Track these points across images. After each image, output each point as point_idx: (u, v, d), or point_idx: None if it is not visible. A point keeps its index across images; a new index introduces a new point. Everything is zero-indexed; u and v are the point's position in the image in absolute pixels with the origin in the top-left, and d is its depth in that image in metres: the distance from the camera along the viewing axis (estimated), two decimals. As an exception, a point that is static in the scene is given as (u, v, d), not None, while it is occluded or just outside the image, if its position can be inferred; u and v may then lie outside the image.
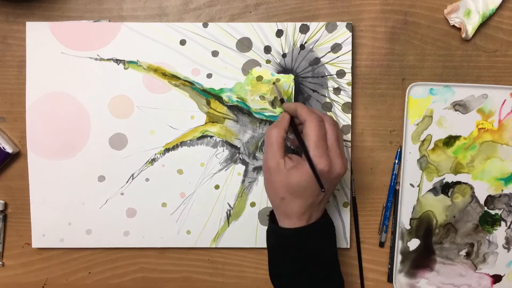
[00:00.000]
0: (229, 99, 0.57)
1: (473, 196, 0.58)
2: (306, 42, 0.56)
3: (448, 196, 0.58)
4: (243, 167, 0.57)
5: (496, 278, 0.59)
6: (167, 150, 0.57)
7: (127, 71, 0.56)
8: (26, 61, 0.56)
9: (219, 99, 0.57)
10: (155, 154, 0.57)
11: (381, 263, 0.59)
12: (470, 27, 0.56)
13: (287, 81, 0.57)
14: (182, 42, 0.56)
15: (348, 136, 0.57)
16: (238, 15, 0.57)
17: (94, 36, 0.56)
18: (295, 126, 0.49)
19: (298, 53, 0.56)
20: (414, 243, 0.59)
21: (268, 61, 0.57)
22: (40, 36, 0.56)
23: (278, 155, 0.47)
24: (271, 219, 0.51)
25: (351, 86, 0.57)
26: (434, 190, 0.58)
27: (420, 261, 0.59)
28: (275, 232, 0.50)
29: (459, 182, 0.58)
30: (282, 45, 0.56)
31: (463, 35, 0.56)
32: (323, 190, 0.45)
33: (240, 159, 0.57)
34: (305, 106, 0.49)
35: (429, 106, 0.57)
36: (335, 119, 0.53)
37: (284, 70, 0.57)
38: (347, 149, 0.57)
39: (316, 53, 0.56)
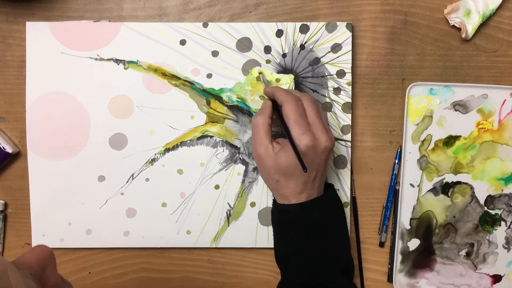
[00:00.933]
0: (229, 99, 0.57)
1: (473, 196, 0.58)
2: (306, 42, 0.56)
3: (448, 196, 0.58)
4: (243, 167, 0.57)
5: (496, 278, 0.59)
6: (167, 150, 0.57)
7: (127, 71, 0.56)
8: (26, 61, 0.56)
9: (219, 99, 0.57)
10: (155, 154, 0.57)
11: (381, 263, 0.59)
12: (470, 27, 0.56)
13: (287, 81, 0.57)
14: (182, 42, 0.56)
15: (348, 136, 0.57)
16: (238, 15, 0.57)
17: (94, 36, 0.56)
18: (278, 110, 0.50)
19: (298, 53, 0.56)
20: (414, 243, 0.59)
21: (268, 61, 0.57)
22: (40, 36, 0.56)
23: (266, 140, 0.49)
24: (274, 200, 0.52)
25: (351, 86, 0.57)
26: (434, 190, 0.58)
27: (420, 261, 0.59)
28: (276, 210, 0.52)
29: (459, 182, 0.58)
30: (282, 45, 0.56)
31: (463, 35, 0.56)
32: (305, 170, 0.45)
33: (240, 159, 0.57)
34: (282, 89, 0.51)
35: (429, 106, 0.57)
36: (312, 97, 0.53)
37: (284, 70, 0.57)
38: (347, 149, 0.57)
39: (316, 53, 0.56)
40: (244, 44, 0.56)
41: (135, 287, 0.59)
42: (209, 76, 0.57)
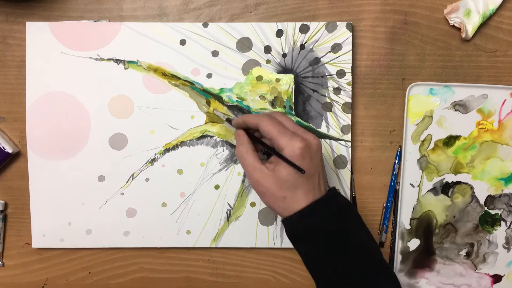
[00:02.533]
0: (229, 99, 0.57)
1: (473, 196, 0.58)
2: (306, 42, 0.56)
3: (448, 196, 0.58)
4: (243, 167, 0.57)
5: (496, 278, 0.59)
6: (167, 150, 0.57)
7: (127, 71, 0.56)
8: (26, 61, 0.56)
9: (219, 99, 0.57)
10: (155, 154, 0.57)
11: (381, 263, 0.59)
12: (470, 27, 0.56)
13: (287, 81, 0.57)
14: (182, 42, 0.56)
15: (348, 136, 0.57)
16: (238, 15, 0.57)
17: (94, 36, 0.56)
18: (253, 136, 0.50)
19: (298, 53, 0.56)
20: (414, 243, 0.59)
21: (268, 61, 0.57)
22: (40, 36, 0.56)
23: (257, 164, 0.47)
24: (285, 221, 0.48)
25: (351, 86, 0.57)
26: (434, 190, 0.58)
27: (420, 261, 0.59)
28: (295, 224, 0.47)
29: (459, 182, 0.58)
30: (282, 45, 0.56)
31: (463, 35, 0.56)
32: (302, 172, 0.45)
33: (240, 159, 0.57)
34: (250, 114, 0.50)
35: (429, 106, 0.57)
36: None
37: (284, 70, 0.57)
38: (348, 149, 0.57)
39: (316, 53, 0.56)
40: (244, 44, 0.56)
41: (135, 287, 0.59)
42: (209, 76, 0.57)
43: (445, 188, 0.58)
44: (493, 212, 0.58)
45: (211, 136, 0.57)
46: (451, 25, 0.57)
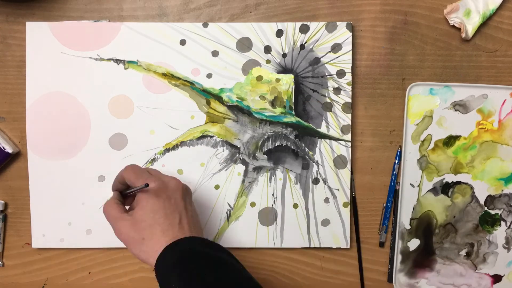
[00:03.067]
0: (229, 99, 0.57)
1: (473, 196, 0.58)
2: (306, 42, 0.56)
3: (448, 196, 0.58)
4: (243, 167, 0.57)
5: (496, 278, 0.59)
6: (167, 150, 0.57)
7: (127, 71, 0.56)
8: (26, 61, 0.56)
9: (219, 99, 0.57)
10: (155, 154, 0.57)
11: (381, 263, 0.59)
12: (470, 27, 0.56)
13: (287, 81, 0.57)
14: (182, 42, 0.56)
15: (348, 136, 0.57)
16: (238, 15, 0.57)
17: (94, 36, 0.56)
18: (125, 193, 0.51)
19: (298, 53, 0.56)
20: (414, 243, 0.59)
21: (268, 61, 0.57)
22: (40, 36, 0.56)
23: (118, 214, 0.47)
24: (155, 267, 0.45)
25: (351, 86, 0.57)
26: (434, 190, 0.58)
27: (420, 261, 0.59)
28: (162, 264, 0.44)
29: (459, 182, 0.58)
30: (282, 45, 0.56)
31: (463, 35, 0.56)
32: (147, 185, 0.45)
33: (240, 159, 0.57)
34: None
35: (429, 106, 0.57)
36: None
37: (284, 70, 0.57)
38: (348, 149, 0.57)
39: (316, 53, 0.56)
40: (244, 44, 0.56)
41: (135, 287, 0.59)
42: (209, 76, 0.57)
43: (445, 188, 0.58)
44: (493, 212, 0.58)
45: (211, 136, 0.57)
46: (451, 25, 0.57)
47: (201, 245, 0.45)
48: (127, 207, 0.50)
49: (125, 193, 0.51)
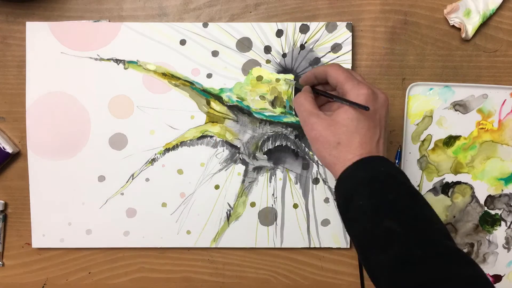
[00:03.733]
0: (229, 99, 0.57)
1: (473, 196, 0.58)
2: (306, 42, 0.56)
3: (448, 196, 0.58)
4: (243, 167, 0.57)
5: (496, 278, 0.59)
6: (167, 150, 0.57)
7: (127, 71, 0.56)
8: (26, 61, 0.56)
9: (219, 99, 0.57)
10: (155, 154, 0.57)
11: (381, 263, 0.59)
12: (470, 27, 0.56)
13: (287, 81, 0.57)
14: (182, 42, 0.56)
15: (348, 136, 0.57)
16: (238, 15, 0.57)
17: (94, 36, 0.56)
18: (320, 90, 0.49)
19: (298, 53, 0.56)
20: (414, 243, 0.58)
21: (268, 61, 0.57)
22: (40, 36, 0.56)
23: (314, 110, 0.45)
24: (337, 181, 0.44)
25: (351, 86, 0.57)
26: (434, 190, 0.58)
27: (420, 261, 0.59)
28: (350, 175, 0.42)
29: (459, 182, 0.58)
30: (282, 45, 0.56)
31: (463, 35, 0.56)
32: (367, 108, 0.41)
33: (240, 159, 0.57)
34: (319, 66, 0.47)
35: (429, 106, 0.57)
36: None
37: (284, 70, 0.57)
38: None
39: (316, 53, 0.56)
40: (244, 44, 0.56)
41: (135, 287, 0.59)
42: (209, 76, 0.57)
43: (445, 188, 0.58)
44: (493, 212, 0.58)
45: (211, 136, 0.57)
46: (451, 25, 0.57)
47: (396, 170, 0.42)
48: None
49: (320, 93, 0.47)
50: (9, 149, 0.56)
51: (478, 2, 0.56)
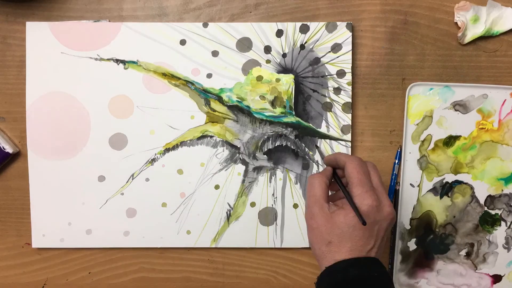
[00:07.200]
0: (229, 99, 0.57)
1: (473, 196, 0.58)
2: (306, 42, 0.56)
3: (448, 196, 0.58)
4: (243, 167, 0.57)
5: (496, 278, 0.59)
6: (167, 150, 0.57)
7: (127, 71, 0.56)
8: (26, 61, 0.56)
9: (219, 99, 0.57)
10: (155, 154, 0.57)
11: (381, 263, 0.59)
12: (470, 34, 0.56)
13: (287, 81, 0.57)
14: (182, 42, 0.56)
15: (348, 136, 0.57)
16: (238, 15, 0.57)
17: (94, 36, 0.56)
18: (337, 177, 0.49)
19: (298, 53, 0.56)
20: (414, 243, 0.58)
21: (268, 61, 0.57)
22: (40, 36, 0.56)
23: (322, 199, 0.45)
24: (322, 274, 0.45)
25: (351, 86, 0.57)
26: (434, 190, 0.58)
27: (420, 261, 0.59)
28: (329, 274, 0.44)
29: (459, 182, 0.58)
30: (282, 45, 0.56)
31: (459, 35, 0.56)
32: (364, 223, 0.42)
33: (240, 159, 0.57)
34: (344, 153, 0.47)
35: (429, 106, 0.57)
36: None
37: (284, 70, 0.57)
38: (348, 149, 0.57)
39: (316, 53, 0.56)
40: (244, 44, 0.56)
41: (135, 287, 0.59)
42: (209, 76, 0.57)
43: (445, 188, 0.58)
44: (493, 212, 0.58)
45: (211, 136, 0.57)
46: (454, 21, 0.56)
47: (381, 276, 0.43)
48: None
49: (336, 180, 0.48)
50: (9, 149, 0.56)
51: (489, 17, 0.56)
